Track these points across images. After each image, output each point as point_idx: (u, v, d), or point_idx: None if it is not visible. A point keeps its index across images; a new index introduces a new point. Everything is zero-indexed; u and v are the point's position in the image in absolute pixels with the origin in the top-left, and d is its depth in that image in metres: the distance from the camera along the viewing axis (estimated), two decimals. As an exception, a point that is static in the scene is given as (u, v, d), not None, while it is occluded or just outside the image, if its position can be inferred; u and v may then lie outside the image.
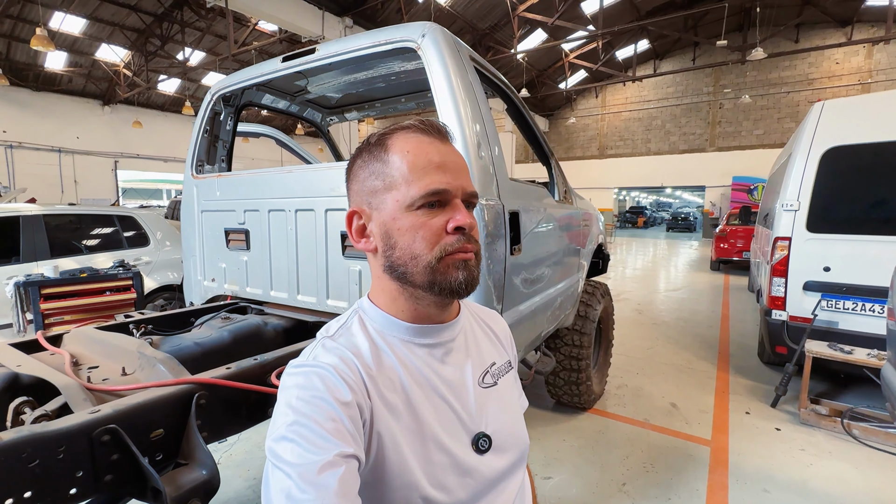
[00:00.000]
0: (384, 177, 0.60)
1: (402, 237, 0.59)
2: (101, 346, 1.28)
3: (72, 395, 0.94)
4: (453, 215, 0.58)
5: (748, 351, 4.20)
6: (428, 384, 0.62)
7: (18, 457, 0.75)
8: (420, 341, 0.64)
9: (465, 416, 0.64)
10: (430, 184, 0.57)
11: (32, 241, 3.47)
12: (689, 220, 25.15)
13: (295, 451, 0.47)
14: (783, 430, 2.72)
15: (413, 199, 0.58)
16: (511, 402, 0.73)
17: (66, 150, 16.23)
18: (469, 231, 0.59)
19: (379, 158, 0.61)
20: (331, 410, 0.50)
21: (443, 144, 0.61)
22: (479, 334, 0.75)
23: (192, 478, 0.89)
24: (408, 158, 0.59)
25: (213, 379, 1.03)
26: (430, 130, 0.61)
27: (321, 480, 0.45)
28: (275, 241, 1.84)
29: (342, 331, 0.63)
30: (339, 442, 0.48)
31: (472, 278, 0.60)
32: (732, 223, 9.13)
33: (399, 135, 0.61)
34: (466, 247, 0.59)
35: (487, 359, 0.72)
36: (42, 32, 8.47)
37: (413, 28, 1.49)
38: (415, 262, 0.58)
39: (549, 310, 2.06)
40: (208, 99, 2.10)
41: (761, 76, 17.71)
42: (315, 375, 0.54)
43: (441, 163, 0.59)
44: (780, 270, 3.16)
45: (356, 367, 0.57)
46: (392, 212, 0.59)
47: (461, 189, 0.60)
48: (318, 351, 0.59)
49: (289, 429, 0.49)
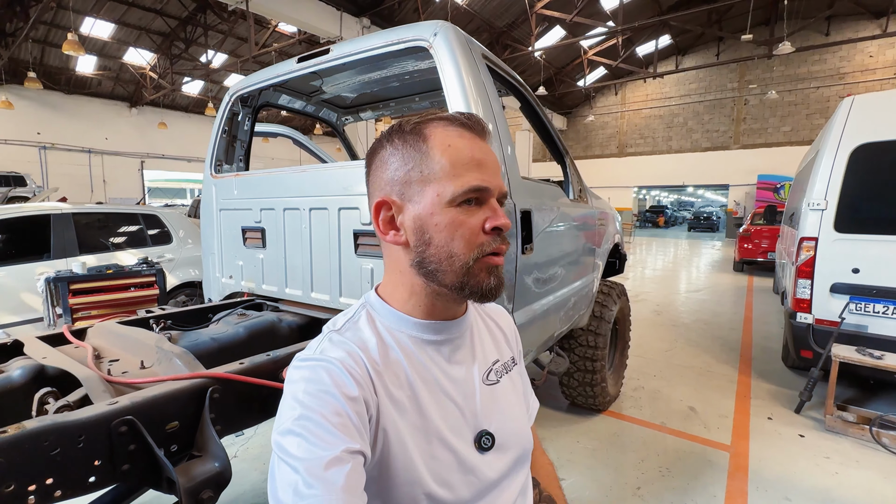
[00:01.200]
0: (422, 168, 0.57)
1: (438, 234, 0.57)
2: (122, 340, 1.32)
3: (92, 387, 0.97)
4: (491, 214, 0.58)
5: (772, 355, 4.08)
6: (434, 381, 0.62)
7: (41, 445, 0.78)
8: (428, 338, 0.63)
9: (469, 414, 0.63)
10: (472, 180, 0.56)
11: (62, 239, 3.61)
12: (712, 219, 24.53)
13: (302, 446, 0.47)
14: (807, 437, 2.63)
15: (455, 194, 0.56)
16: (513, 401, 0.72)
17: (95, 150, 16.84)
18: (509, 229, 0.59)
19: (417, 148, 0.58)
20: (337, 405, 0.50)
21: (482, 141, 0.61)
22: (484, 331, 0.74)
23: (205, 469, 0.91)
24: (450, 152, 0.57)
25: (226, 373, 1.06)
26: (474, 126, 0.60)
27: (328, 476, 0.45)
28: (290, 240, 1.87)
29: (349, 325, 0.63)
30: (346, 437, 0.48)
31: (501, 283, 0.60)
32: (757, 223, 8.87)
33: (439, 126, 0.59)
34: (501, 248, 0.59)
35: (491, 356, 0.71)
36: (73, 37, 8.79)
37: (425, 27, 1.49)
38: (450, 261, 0.57)
39: (562, 310, 2.04)
40: (226, 100, 2.14)
41: (789, 71, 17.13)
42: (322, 369, 0.53)
43: (482, 160, 0.58)
44: (805, 272, 3.05)
45: (363, 362, 0.56)
46: (430, 206, 0.57)
47: (498, 188, 0.60)
48: (325, 345, 0.59)
49: (295, 423, 0.49)
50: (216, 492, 0.92)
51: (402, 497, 0.56)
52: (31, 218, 3.59)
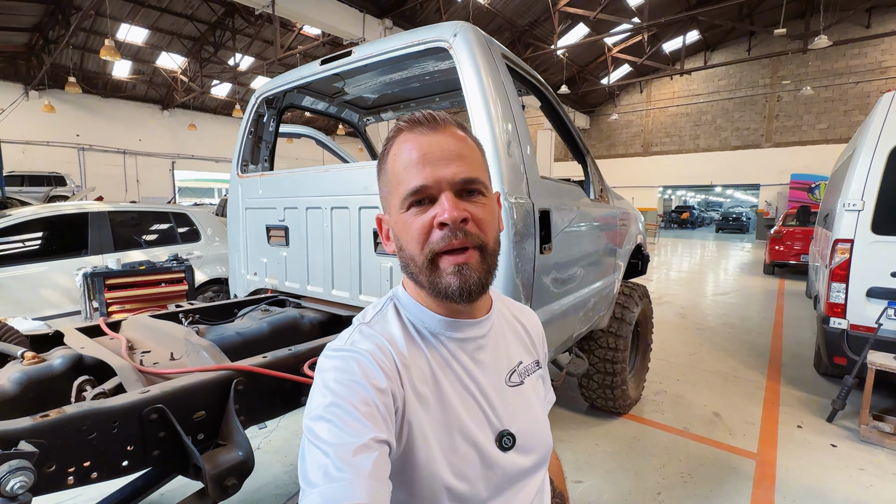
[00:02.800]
0: (387, 182, 0.62)
1: (402, 238, 0.60)
2: (154, 333, 1.39)
3: (126, 376, 1.03)
4: (438, 211, 0.57)
5: (803, 361, 3.92)
6: (456, 378, 0.63)
7: (80, 429, 0.83)
8: (451, 335, 0.64)
9: (492, 414, 0.64)
10: (410, 182, 0.57)
11: (99, 236, 3.78)
12: (741, 220, 23.69)
13: (332, 431, 0.49)
14: (840, 448, 2.52)
15: (401, 199, 0.58)
16: (535, 403, 0.72)
17: (129, 151, 17.56)
18: (457, 224, 0.56)
19: (384, 164, 0.63)
20: (366, 395, 0.52)
21: (427, 135, 0.59)
22: (509, 332, 0.74)
23: (230, 458, 0.95)
24: (396, 161, 0.60)
25: (250, 366, 1.09)
26: (414, 124, 0.60)
27: (356, 461, 0.47)
28: (312, 238, 1.91)
29: (378, 317, 0.65)
30: (373, 426, 0.50)
31: (468, 285, 0.57)
32: (789, 224, 8.54)
33: (397, 136, 0.62)
34: (453, 243, 0.56)
35: (515, 357, 0.72)
36: (110, 43, 9.17)
37: (445, 28, 1.50)
38: (413, 262, 0.59)
39: (581, 311, 2.02)
40: (252, 102, 2.21)
41: (826, 65, 16.39)
42: (353, 360, 0.56)
43: (422, 157, 0.57)
44: (840, 275, 2.93)
45: (391, 355, 0.58)
46: (394, 215, 0.61)
47: (445, 180, 0.57)
48: (356, 336, 0.61)
49: (326, 409, 0.51)
50: (239, 480, 0.95)
51: (423, 489, 0.57)
52: (71, 216, 3.78)
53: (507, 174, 1.40)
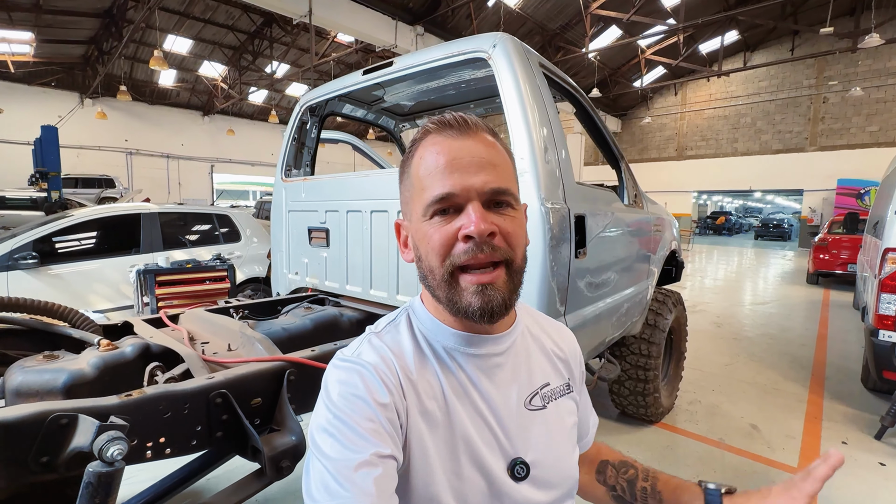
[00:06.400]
0: (409, 187, 0.58)
1: (421, 247, 0.56)
2: (211, 326, 1.49)
3: (193, 364, 1.12)
4: (464, 222, 0.52)
5: (850, 375, 3.74)
6: (467, 397, 0.58)
7: (157, 408, 0.93)
8: (465, 350, 0.60)
9: (504, 439, 0.59)
10: (435, 190, 0.53)
11: (150, 235, 4.03)
12: (783, 226, 22.62)
13: (334, 447, 0.48)
14: (889, 467, 2.40)
15: (424, 206, 0.55)
16: (560, 430, 0.65)
17: (172, 155, 18.52)
18: (483, 238, 0.52)
19: (407, 168, 0.59)
20: (369, 411, 0.51)
21: (457, 139, 0.55)
22: (536, 350, 0.68)
23: (285, 442, 1.03)
24: (421, 164, 0.56)
25: (301, 358, 1.18)
26: (443, 126, 0.56)
27: (358, 478, 0.46)
28: (352, 240, 2.00)
29: (389, 328, 0.63)
30: (377, 441, 0.49)
31: (491, 306, 0.53)
32: (835, 231, 8.13)
33: (422, 138, 0.58)
34: (478, 257, 0.52)
35: (540, 378, 0.66)
36: (159, 54, 9.73)
37: (485, 39, 1.56)
38: (432, 274, 0.55)
39: (614, 316, 2.02)
40: (297, 110, 2.33)
41: (878, 65, 15.52)
42: (356, 373, 0.54)
43: (449, 162, 0.53)
44: (890, 286, 2.80)
45: (395, 369, 0.56)
46: (415, 222, 0.57)
47: (473, 189, 0.53)
48: (364, 347, 0.59)
49: (329, 423, 0.50)
50: (293, 462, 1.03)
51: None
52: (125, 217, 4.05)
53: (543, 179, 1.44)
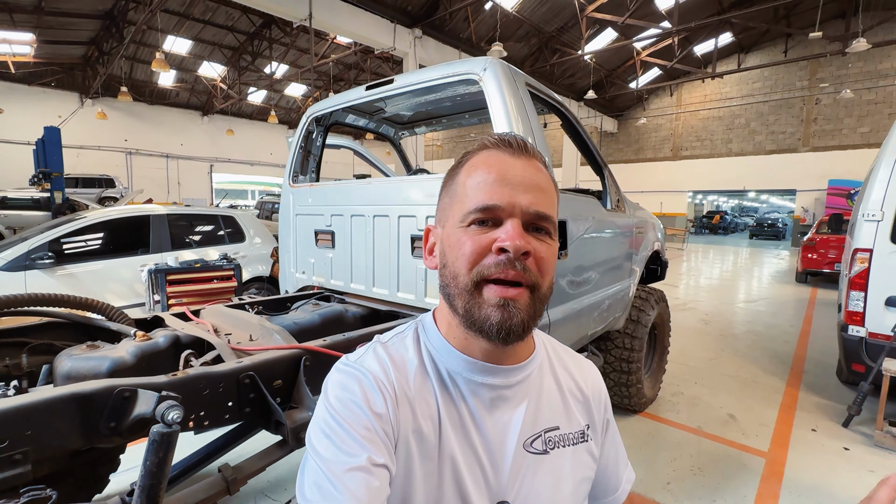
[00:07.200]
0: (452, 193, 0.58)
1: (450, 252, 0.55)
2: (231, 320, 1.67)
3: (223, 350, 1.30)
4: (501, 235, 0.52)
5: (826, 369, 3.94)
6: (462, 427, 0.56)
7: (197, 386, 1.10)
8: (469, 376, 0.58)
9: (493, 478, 0.56)
10: (481, 198, 0.53)
11: (159, 236, 4.20)
12: (777, 226, 22.90)
13: (329, 448, 0.49)
14: (852, 451, 2.60)
15: (465, 213, 0.54)
16: (560, 482, 0.60)
17: (172, 155, 18.64)
18: (518, 255, 0.51)
19: (454, 176, 0.59)
20: (364, 418, 0.51)
21: (512, 158, 0.56)
22: (551, 388, 0.64)
23: (303, 416, 1.20)
24: (471, 173, 0.56)
25: (316, 347, 1.35)
26: (500, 144, 0.57)
27: (351, 482, 0.46)
28: (356, 241, 2.18)
29: (395, 340, 0.62)
30: (372, 449, 0.49)
31: (509, 324, 0.51)
32: (822, 231, 8.36)
33: (478, 152, 0.58)
34: (508, 272, 0.51)
35: (548, 421, 0.61)
36: (161, 56, 9.87)
37: (476, 63, 1.74)
38: (455, 281, 0.54)
39: (596, 311, 2.20)
40: (304, 120, 2.50)
41: (869, 67, 15.76)
42: (355, 379, 0.54)
43: (501, 176, 0.54)
44: (859, 283, 2.99)
45: (393, 382, 0.55)
46: (449, 227, 0.57)
47: (519, 207, 0.53)
48: (368, 355, 0.59)
49: (326, 425, 0.51)
50: (310, 434, 1.20)
51: None
52: (135, 218, 4.21)
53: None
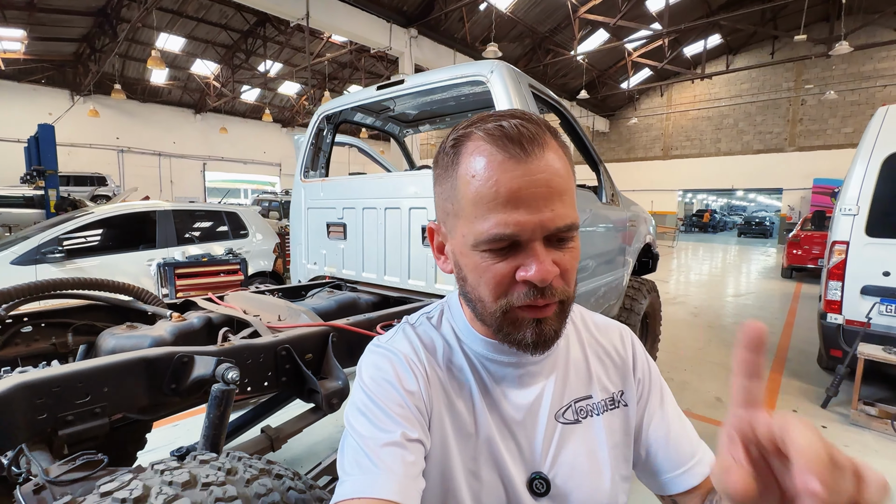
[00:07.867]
0: (453, 200, 0.52)
1: (470, 275, 0.52)
2: (257, 303, 1.79)
3: (259, 327, 1.42)
4: (525, 263, 0.48)
5: (808, 357, 4.15)
6: (494, 403, 0.58)
7: (242, 356, 1.23)
8: (495, 357, 0.58)
9: (527, 450, 0.57)
10: (493, 227, 0.47)
11: (165, 231, 4.28)
12: (765, 224, 23.43)
13: (366, 426, 0.51)
14: (829, 428, 2.79)
15: (476, 239, 0.49)
16: (595, 450, 0.59)
17: (164, 153, 18.53)
18: (546, 283, 0.48)
19: (449, 175, 0.52)
20: (398, 396, 0.53)
21: (523, 163, 0.47)
22: (579, 357, 0.63)
23: (333, 385, 1.34)
24: (472, 185, 0.48)
25: (341, 324, 1.48)
26: (504, 142, 0.47)
27: (387, 456, 0.48)
28: (367, 233, 2.31)
29: (423, 321, 0.64)
30: (405, 424, 0.51)
31: (543, 339, 0.51)
32: (807, 228, 8.65)
33: (469, 145, 0.50)
34: (538, 302, 0.49)
35: (578, 391, 0.61)
36: (156, 54, 9.86)
37: (484, 66, 1.88)
38: (482, 304, 0.52)
39: (591, 298, 2.36)
40: (315, 118, 2.62)
41: (852, 69, 16.21)
42: (387, 360, 0.57)
43: (511, 194, 0.46)
44: (836, 274, 3.19)
45: (423, 362, 0.58)
46: (460, 245, 0.52)
47: (541, 226, 0.47)
48: (398, 336, 0.61)
49: (363, 404, 0.53)
50: (340, 400, 1.34)
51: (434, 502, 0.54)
52: (141, 214, 4.29)
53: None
